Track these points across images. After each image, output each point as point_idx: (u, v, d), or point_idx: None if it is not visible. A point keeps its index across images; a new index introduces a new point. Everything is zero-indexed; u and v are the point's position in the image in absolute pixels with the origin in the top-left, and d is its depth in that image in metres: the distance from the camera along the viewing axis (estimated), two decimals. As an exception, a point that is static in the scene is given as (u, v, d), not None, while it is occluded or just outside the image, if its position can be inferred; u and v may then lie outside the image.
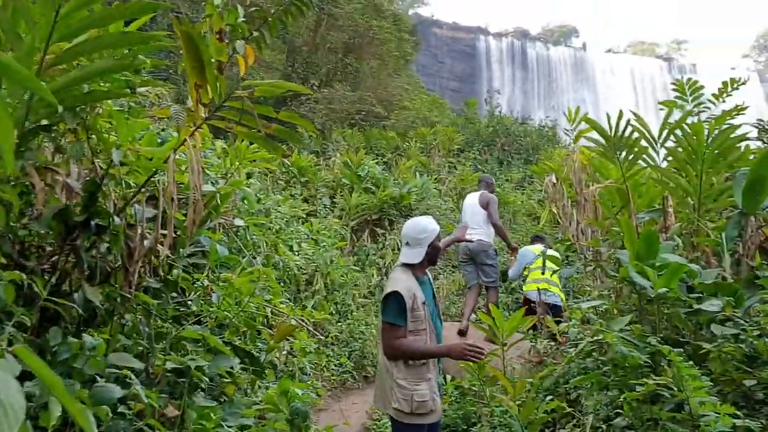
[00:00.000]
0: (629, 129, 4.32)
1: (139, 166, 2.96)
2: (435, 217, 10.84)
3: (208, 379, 2.92)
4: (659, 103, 5.00)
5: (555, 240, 7.98)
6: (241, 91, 2.86)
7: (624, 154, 4.42)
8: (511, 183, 15.23)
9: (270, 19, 3.59)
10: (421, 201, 11.46)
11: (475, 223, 7.03)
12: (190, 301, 3.43)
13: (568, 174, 5.80)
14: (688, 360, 2.64)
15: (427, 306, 3.36)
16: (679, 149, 4.20)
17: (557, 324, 5.02)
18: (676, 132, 4.20)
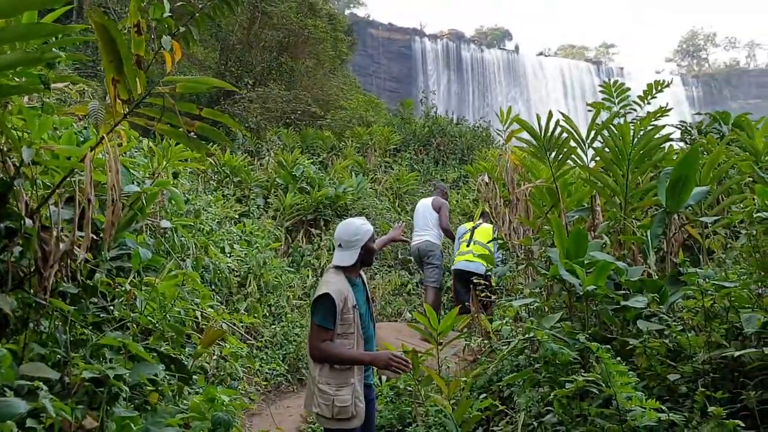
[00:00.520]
0: (558, 130, 4.40)
1: (57, 165, 2.80)
2: (371, 217, 10.90)
3: (129, 387, 2.78)
4: (588, 105, 5.12)
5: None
6: (163, 87, 2.74)
7: (554, 154, 4.51)
8: (447, 182, 15.34)
9: (198, 15, 3.46)
10: (357, 201, 11.40)
11: (426, 225, 7.54)
12: (111, 307, 3.26)
13: (501, 174, 5.87)
14: (615, 356, 2.69)
15: (357, 309, 3.32)
16: (606, 149, 4.31)
17: (483, 290, 5.60)
18: (603, 133, 4.31)
